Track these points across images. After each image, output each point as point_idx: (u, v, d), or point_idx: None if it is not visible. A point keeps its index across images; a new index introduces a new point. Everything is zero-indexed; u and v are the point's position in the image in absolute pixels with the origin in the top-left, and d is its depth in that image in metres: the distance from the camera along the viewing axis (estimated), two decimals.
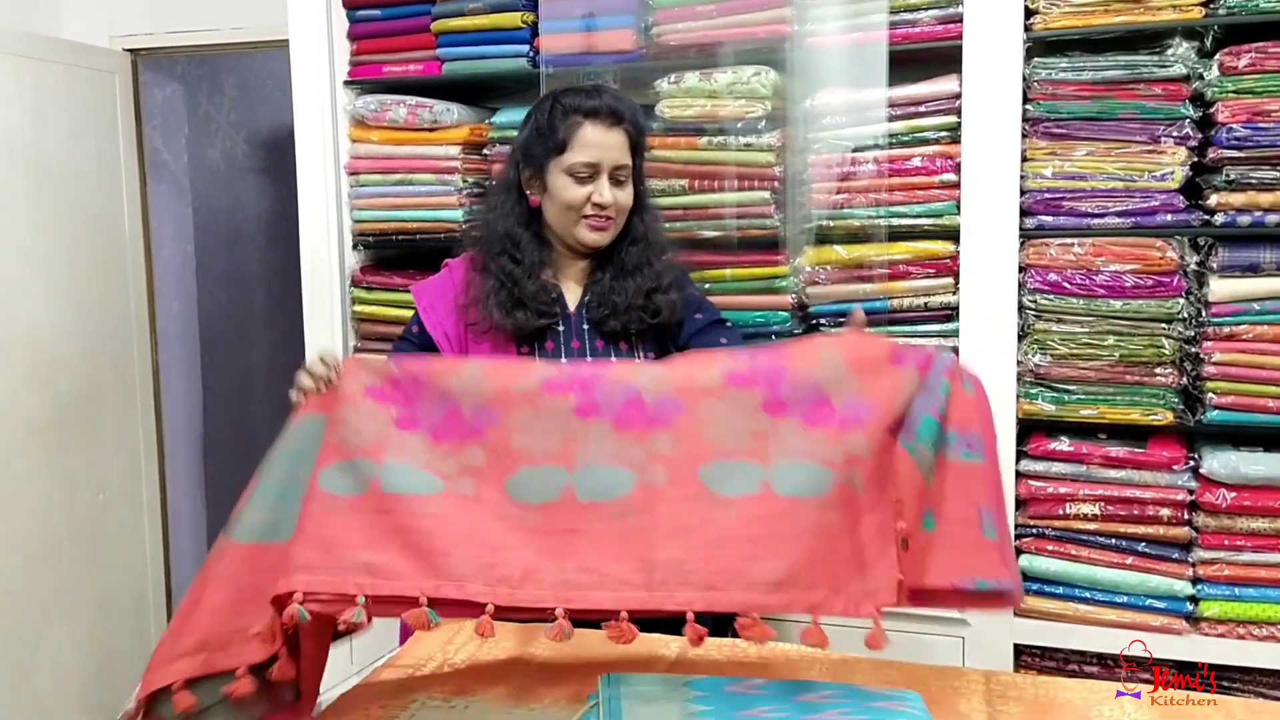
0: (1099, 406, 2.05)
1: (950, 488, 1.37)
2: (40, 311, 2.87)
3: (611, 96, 1.86)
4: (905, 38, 2.10)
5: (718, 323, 1.93)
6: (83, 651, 2.99)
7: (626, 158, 1.84)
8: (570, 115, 1.82)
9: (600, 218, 1.83)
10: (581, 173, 1.81)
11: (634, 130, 1.85)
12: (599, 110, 1.82)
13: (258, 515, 1.45)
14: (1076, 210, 2.03)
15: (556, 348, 1.85)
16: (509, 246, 1.87)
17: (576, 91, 1.87)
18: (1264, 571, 1.99)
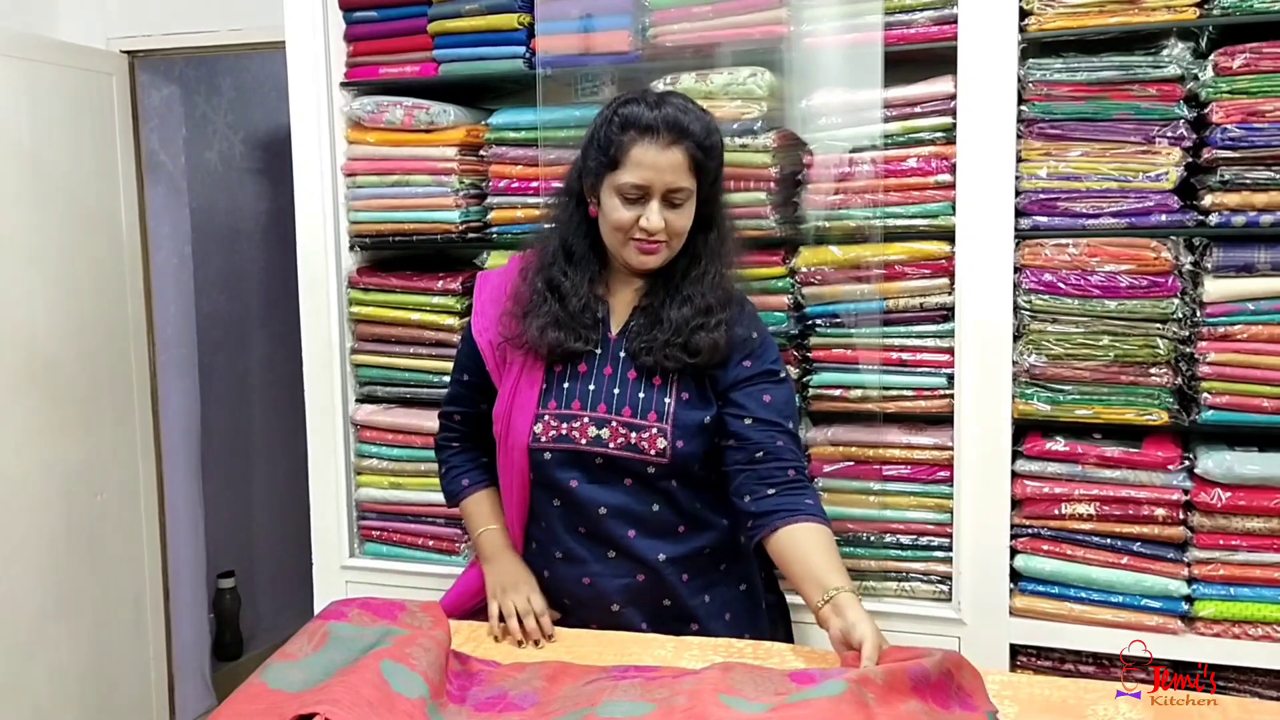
0: (1094, 406, 2.06)
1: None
2: (37, 313, 2.87)
3: (676, 108, 1.71)
4: (901, 38, 2.11)
5: (766, 373, 1.79)
6: (80, 652, 2.99)
7: (684, 180, 1.70)
8: (626, 130, 1.69)
9: (650, 242, 1.72)
10: (631, 194, 1.70)
11: (697, 148, 1.70)
12: (655, 126, 1.68)
13: (298, 675, 1.47)
14: (1071, 211, 2.04)
15: (589, 371, 1.79)
16: (561, 259, 1.79)
17: (639, 100, 1.72)
18: (1259, 571, 1.99)
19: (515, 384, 1.82)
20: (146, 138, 3.30)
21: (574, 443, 1.77)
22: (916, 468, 2.18)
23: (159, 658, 3.30)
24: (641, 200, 1.70)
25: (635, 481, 1.78)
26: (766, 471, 1.73)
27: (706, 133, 1.72)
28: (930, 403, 2.16)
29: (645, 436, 1.75)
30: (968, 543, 2.12)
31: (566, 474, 1.78)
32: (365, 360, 2.51)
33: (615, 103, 1.75)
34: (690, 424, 1.76)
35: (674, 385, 1.77)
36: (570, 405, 1.78)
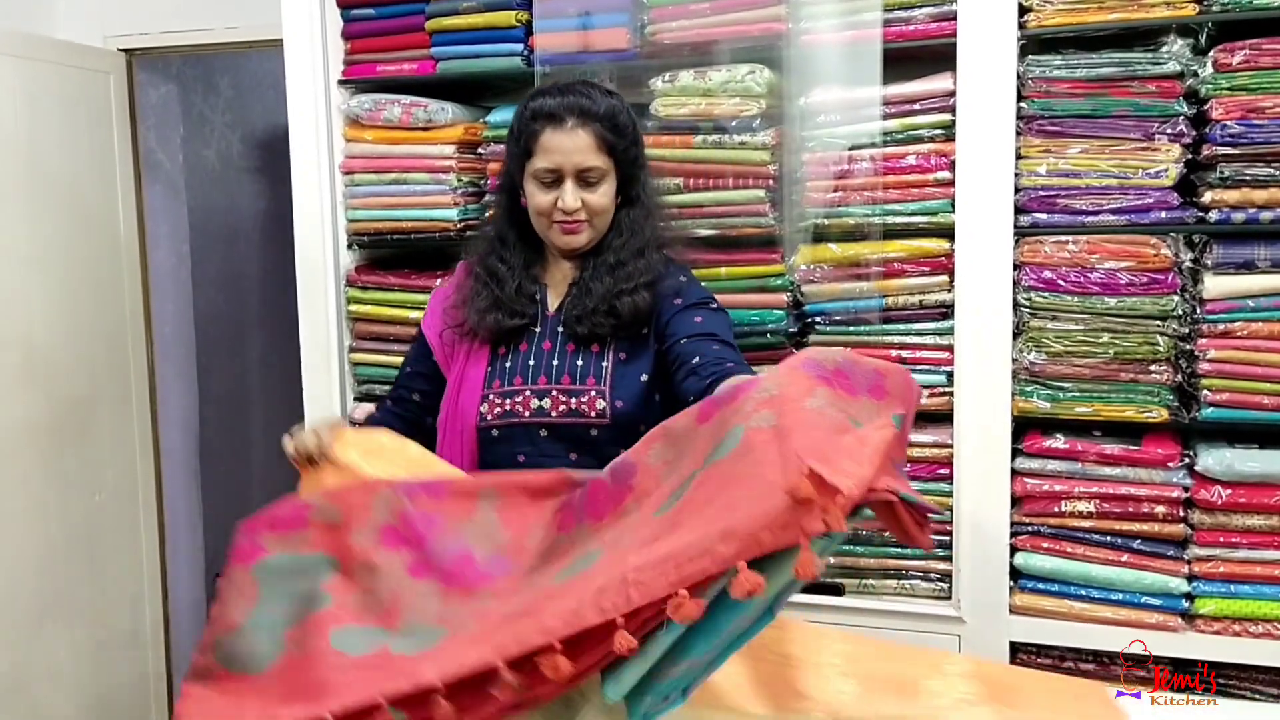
0: (1094, 404, 2.05)
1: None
2: (35, 312, 2.86)
3: (579, 94, 1.80)
4: (900, 35, 2.10)
5: (697, 304, 1.83)
6: (79, 653, 2.99)
7: (594, 159, 1.79)
8: (535, 120, 1.80)
9: (570, 222, 1.81)
10: (545, 178, 1.80)
11: (607, 128, 1.79)
12: (558, 112, 1.78)
13: (246, 646, 1.46)
14: (1071, 208, 2.03)
15: (530, 348, 1.86)
16: (498, 247, 1.90)
17: (546, 91, 1.83)
18: (1259, 568, 1.99)
19: (462, 370, 1.89)
20: (144, 136, 3.29)
21: (518, 416, 1.83)
22: (916, 465, 2.18)
23: (157, 657, 3.30)
24: (556, 183, 1.80)
25: (580, 453, 1.80)
26: (707, 371, 1.69)
27: (612, 113, 1.81)
28: (930, 400, 2.16)
29: (584, 400, 1.80)
30: (967, 540, 2.11)
31: (513, 449, 1.83)
32: (363, 358, 2.51)
33: (528, 97, 1.86)
34: (629, 383, 1.81)
35: (610, 349, 1.83)
36: (512, 381, 1.84)
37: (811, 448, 1.16)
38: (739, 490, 1.20)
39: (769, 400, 1.27)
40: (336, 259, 2.47)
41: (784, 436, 1.20)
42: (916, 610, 2.16)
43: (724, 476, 1.24)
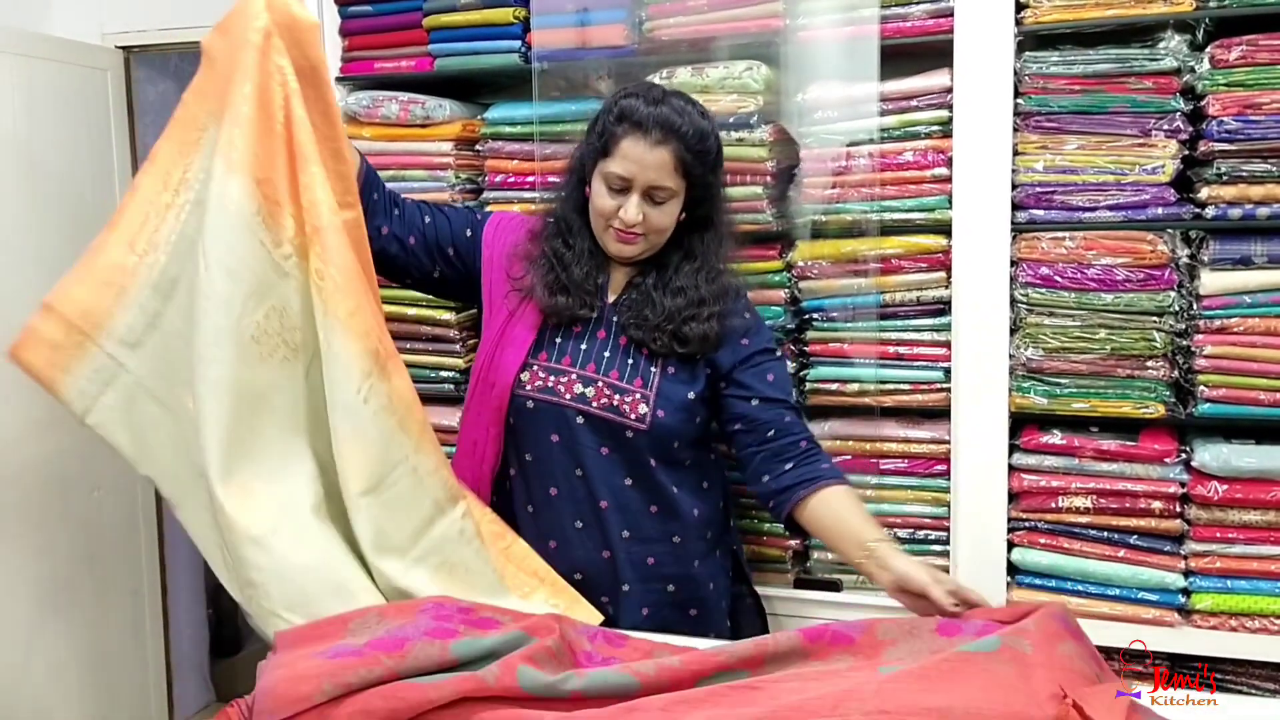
0: (1091, 400, 2.06)
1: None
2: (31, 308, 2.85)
3: (673, 109, 1.75)
4: (897, 32, 2.10)
5: (765, 351, 1.86)
6: (78, 649, 2.99)
7: (668, 179, 1.74)
8: (621, 122, 1.74)
9: (626, 233, 1.77)
10: (615, 184, 1.76)
11: (687, 150, 1.73)
12: (647, 122, 1.72)
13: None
14: (1068, 204, 2.03)
15: (584, 332, 1.84)
16: (563, 230, 1.85)
17: (640, 95, 1.77)
18: (1256, 564, 2.00)
19: (504, 326, 1.87)
20: (142, 133, 3.29)
21: (559, 396, 1.82)
22: (913, 461, 2.18)
23: (157, 654, 3.30)
24: (624, 191, 1.76)
25: (612, 450, 1.81)
26: (780, 448, 1.79)
27: (700, 137, 1.75)
28: (927, 396, 2.16)
29: (628, 400, 1.80)
30: (965, 536, 2.12)
31: (548, 428, 1.82)
32: None
33: (619, 93, 1.81)
34: (674, 396, 1.81)
35: (661, 360, 1.83)
36: (561, 360, 1.83)
37: (1071, 685, 1.34)
38: (1001, 692, 1.34)
39: (1024, 631, 1.42)
40: None
41: (1045, 665, 1.36)
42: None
43: (983, 671, 1.36)
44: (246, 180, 1.62)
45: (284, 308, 1.66)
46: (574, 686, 1.43)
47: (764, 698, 1.41)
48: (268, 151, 1.65)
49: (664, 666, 1.47)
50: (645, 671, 1.46)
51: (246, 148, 1.64)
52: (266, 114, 1.66)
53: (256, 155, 1.64)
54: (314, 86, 1.71)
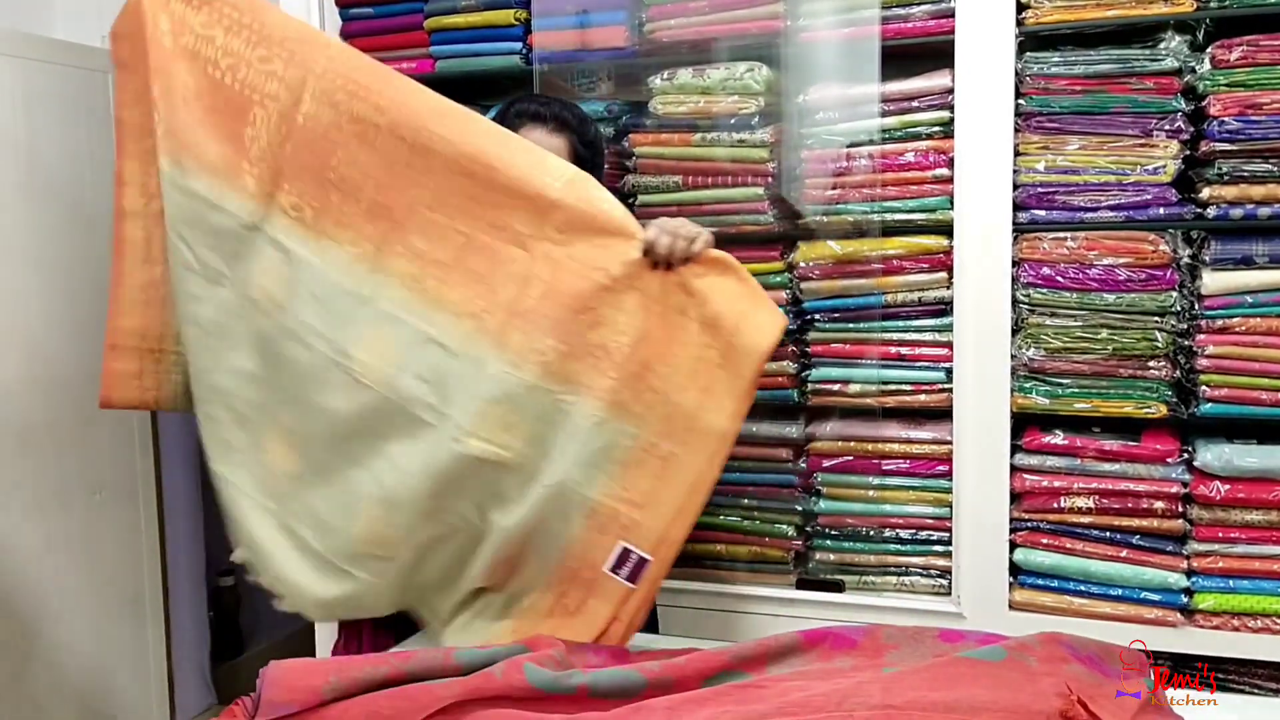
0: (1093, 400, 2.06)
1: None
2: (33, 311, 2.86)
3: (561, 106, 1.96)
4: (898, 32, 2.11)
5: None
6: (79, 653, 2.99)
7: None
8: (519, 118, 1.93)
9: None
10: None
11: (580, 141, 1.94)
12: (543, 114, 1.92)
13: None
14: (1069, 204, 2.03)
15: None
16: None
17: (533, 98, 1.98)
18: (1258, 564, 1.99)
19: None
20: None
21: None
22: (915, 462, 2.18)
23: (158, 657, 3.30)
24: None
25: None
26: None
27: (584, 127, 1.97)
28: (929, 397, 2.16)
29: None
30: (967, 537, 2.12)
31: None
32: None
33: (508, 102, 2.00)
34: None
35: None
36: None
37: (1078, 687, 1.40)
38: (1006, 690, 1.38)
39: (1030, 649, 1.49)
40: None
41: (1050, 674, 1.42)
42: (916, 606, 2.16)
43: (987, 673, 1.42)
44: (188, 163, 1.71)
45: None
46: (580, 681, 1.44)
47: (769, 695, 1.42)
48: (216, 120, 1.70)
49: (669, 665, 1.48)
50: (651, 669, 1.47)
51: (183, 130, 1.70)
52: (199, 83, 1.71)
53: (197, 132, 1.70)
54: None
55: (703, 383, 1.64)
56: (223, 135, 1.69)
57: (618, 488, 1.65)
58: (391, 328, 1.66)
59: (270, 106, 1.69)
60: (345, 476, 1.72)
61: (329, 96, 1.68)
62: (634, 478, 1.65)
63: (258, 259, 1.71)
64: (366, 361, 1.67)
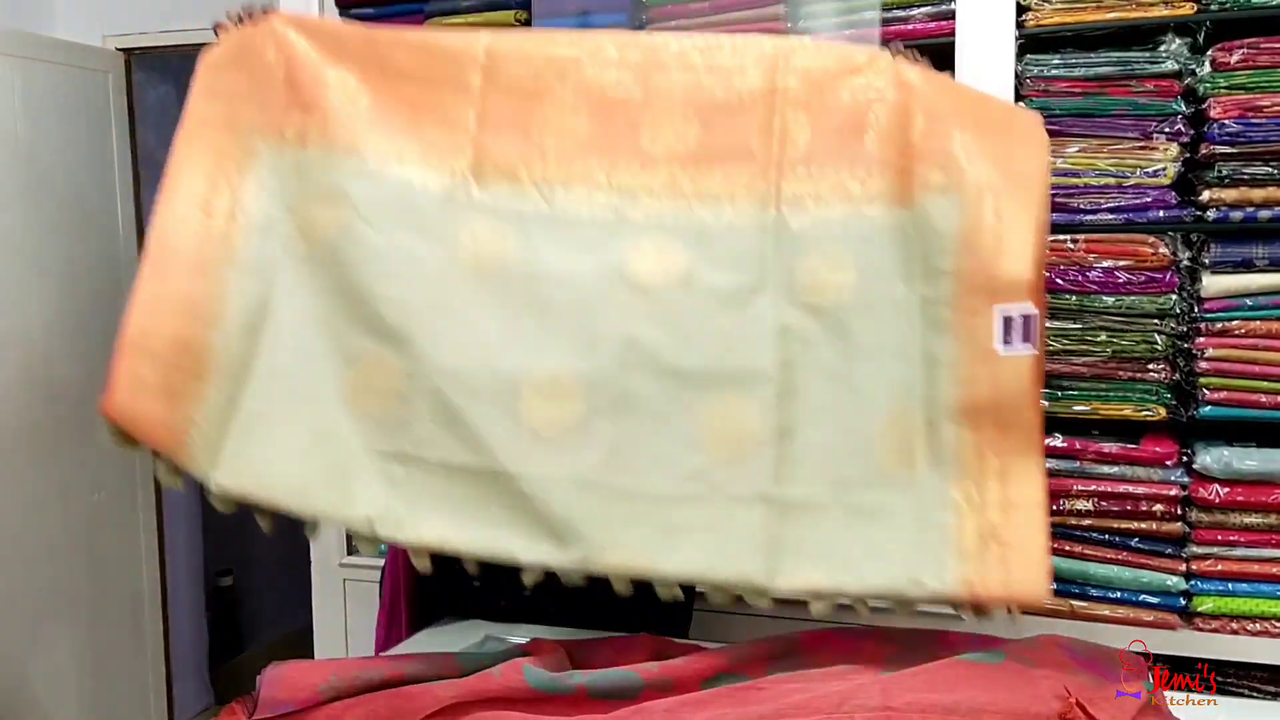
0: (1092, 402, 2.06)
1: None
2: (33, 311, 2.86)
3: None
4: (898, 35, 2.10)
5: None
6: (78, 652, 2.99)
7: None
8: None
9: None
10: None
11: None
12: None
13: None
14: (1069, 206, 2.03)
15: None
16: None
17: None
18: (1257, 566, 2.00)
19: None
20: (143, 136, 3.29)
21: None
22: None
23: (157, 656, 3.30)
24: None
25: None
26: None
27: None
28: None
29: None
30: None
31: None
32: None
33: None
34: None
35: None
36: None
37: (1077, 689, 1.40)
38: (1005, 691, 1.40)
39: (1027, 651, 1.50)
40: None
41: (1049, 678, 1.43)
42: (917, 608, 2.16)
43: (986, 675, 1.43)
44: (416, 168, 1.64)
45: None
46: (579, 682, 1.44)
47: (767, 697, 1.42)
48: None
49: (668, 666, 1.48)
50: (649, 670, 1.47)
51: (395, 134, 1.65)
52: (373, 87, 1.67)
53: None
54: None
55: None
56: (401, 124, 1.65)
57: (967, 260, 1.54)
58: (662, 235, 1.60)
59: (453, 80, 1.65)
60: (664, 398, 1.58)
61: (517, 51, 1.66)
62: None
63: (467, 230, 1.62)
64: (651, 269, 1.59)
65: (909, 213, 1.56)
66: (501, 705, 1.43)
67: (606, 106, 1.63)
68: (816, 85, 1.61)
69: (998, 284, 1.51)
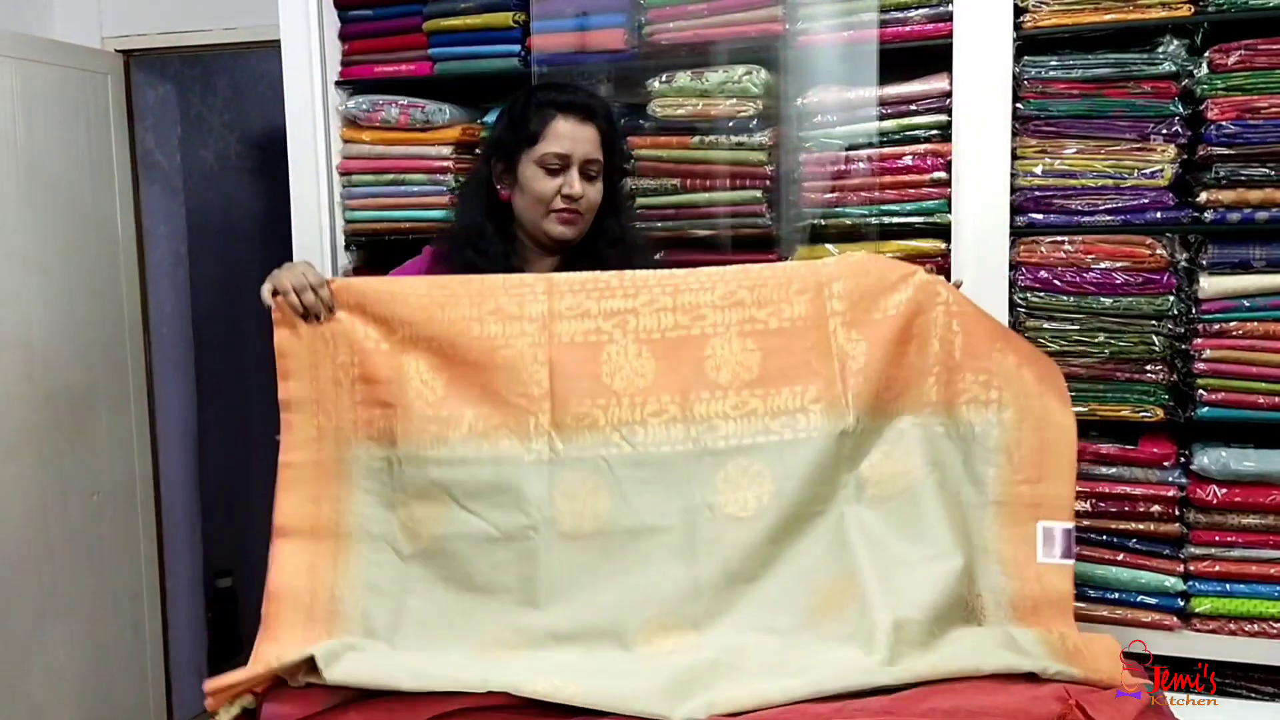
0: (1090, 404, 2.06)
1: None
2: (33, 312, 2.86)
3: (586, 93, 1.91)
4: (896, 36, 2.11)
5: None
6: (77, 653, 2.99)
7: (598, 153, 1.87)
8: (544, 108, 1.86)
9: (569, 211, 1.85)
10: (553, 164, 1.84)
11: (607, 127, 1.88)
12: (572, 104, 1.86)
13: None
14: (1067, 208, 2.04)
15: None
16: (475, 238, 1.89)
17: (551, 86, 1.92)
18: (1255, 567, 2.00)
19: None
20: (142, 137, 3.29)
21: None
22: None
23: (156, 658, 3.30)
24: (562, 170, 1.85)
25: None
26: None
27: (610, 115, 1.92)
28: None
29: None
30: None
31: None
32: None
33: (528, 89, 1.95)
34: None
35: None
36: None
37: (1077, 691, 1.43)
38: (1005, 695, 1.44)
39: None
40: (334, 259, 2.47)
41: (1051, 679, 1.46)
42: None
43: (989, 679, 1.45)
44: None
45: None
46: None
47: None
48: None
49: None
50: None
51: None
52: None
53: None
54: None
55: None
56: (477, 396, 1.70)
57: (1009, 472, 1.70)
58: (743, 457, 1.69)
59: (519, 343, 1.70)
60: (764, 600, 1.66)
61: (577, 308, 1.72)
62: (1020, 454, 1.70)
63: (560, 489, 1.67)
64: (735, 498, 1.68)
65: (953, 421, 1.73)
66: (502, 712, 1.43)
67: (668, 346, 1.72)
68: (861, 305, 1.74)
69: (1040, 498, 1.68)
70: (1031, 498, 1.68)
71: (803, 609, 1.62)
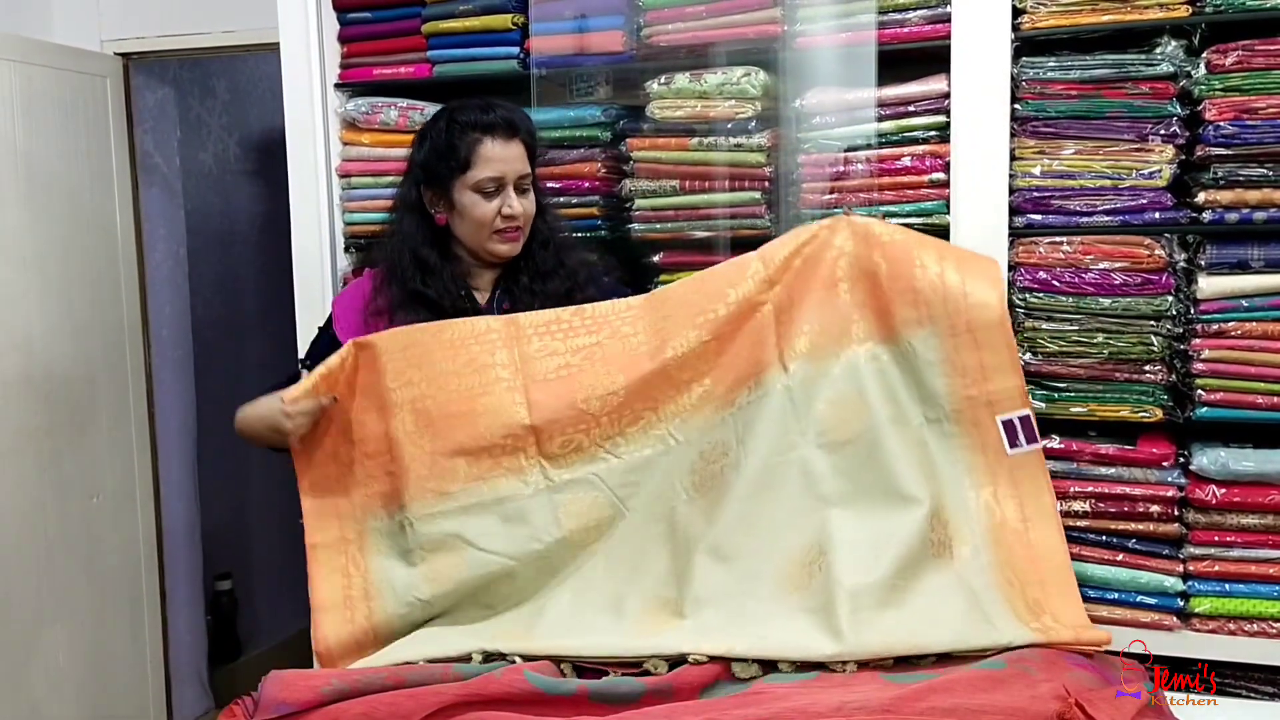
0: (1089, 404, 2.06)
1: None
2: (32, 315, 2.87)
3: (505, 109, 1.94)
4: (894, 37, 2.11)
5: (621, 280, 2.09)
6: (77, 656, 2.99)
7: (526, 166, 1.93)
8: (469, 132, 1.89)
9: (511, 229, 1.91)
10: (488, 188, 1.89)
11: (529, 138, 1.94)
12: (495, 125, 1.89)
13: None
14: (1065, 209, 2.04)
15: None
16: (421, 271, 1.92)
17: (469, 108, 1.93)
18: (1254, 567, 2.00)
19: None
20: (141, 140, 3.30)
21: None
22: None
23: (156, 660, 3.30)
24: (498, 192, 1.90)
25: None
26: None
27: (530, 123, 1.98)
28: None
29: None
30: None
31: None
32: None
33: (446, 113, 1.95)
34: None
35: None
36: None
37: (1077, 691, 1.45)
38: (1004, 693, 1.43)
39: (1031, 660, 1.54)
40: (333, 262, 2.47)
41: (1050, 681, 1.47)
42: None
43: (986, 678, 1.48)
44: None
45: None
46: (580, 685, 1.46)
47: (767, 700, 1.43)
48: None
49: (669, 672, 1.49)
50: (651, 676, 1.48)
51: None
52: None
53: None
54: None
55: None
56: (466, 444, 1.80)
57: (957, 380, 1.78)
58: (712, 435, 1.83)
59: (496, 389, 1.81)
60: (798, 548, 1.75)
61: (545, 349, 1.83)
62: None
63: (564, 510, 1.80)
64: (711, 472, 1.81)
65: (897, 347, 1.82)
66: (502, 706, 1.43)
67: (634, 361, 1.83)
68: (786, 264, 1.86)
69: (992, 395, 1.77)
70: (985, 397, 1.77)
71: (772, 578, 1.71)
